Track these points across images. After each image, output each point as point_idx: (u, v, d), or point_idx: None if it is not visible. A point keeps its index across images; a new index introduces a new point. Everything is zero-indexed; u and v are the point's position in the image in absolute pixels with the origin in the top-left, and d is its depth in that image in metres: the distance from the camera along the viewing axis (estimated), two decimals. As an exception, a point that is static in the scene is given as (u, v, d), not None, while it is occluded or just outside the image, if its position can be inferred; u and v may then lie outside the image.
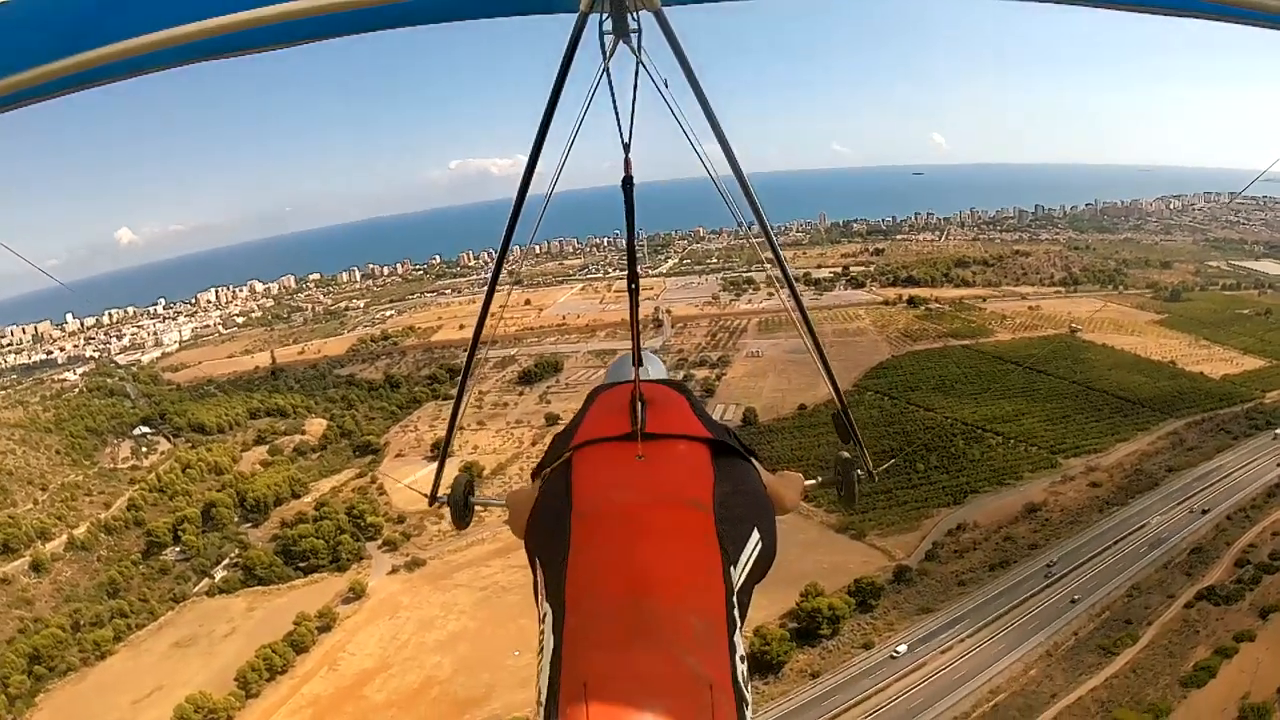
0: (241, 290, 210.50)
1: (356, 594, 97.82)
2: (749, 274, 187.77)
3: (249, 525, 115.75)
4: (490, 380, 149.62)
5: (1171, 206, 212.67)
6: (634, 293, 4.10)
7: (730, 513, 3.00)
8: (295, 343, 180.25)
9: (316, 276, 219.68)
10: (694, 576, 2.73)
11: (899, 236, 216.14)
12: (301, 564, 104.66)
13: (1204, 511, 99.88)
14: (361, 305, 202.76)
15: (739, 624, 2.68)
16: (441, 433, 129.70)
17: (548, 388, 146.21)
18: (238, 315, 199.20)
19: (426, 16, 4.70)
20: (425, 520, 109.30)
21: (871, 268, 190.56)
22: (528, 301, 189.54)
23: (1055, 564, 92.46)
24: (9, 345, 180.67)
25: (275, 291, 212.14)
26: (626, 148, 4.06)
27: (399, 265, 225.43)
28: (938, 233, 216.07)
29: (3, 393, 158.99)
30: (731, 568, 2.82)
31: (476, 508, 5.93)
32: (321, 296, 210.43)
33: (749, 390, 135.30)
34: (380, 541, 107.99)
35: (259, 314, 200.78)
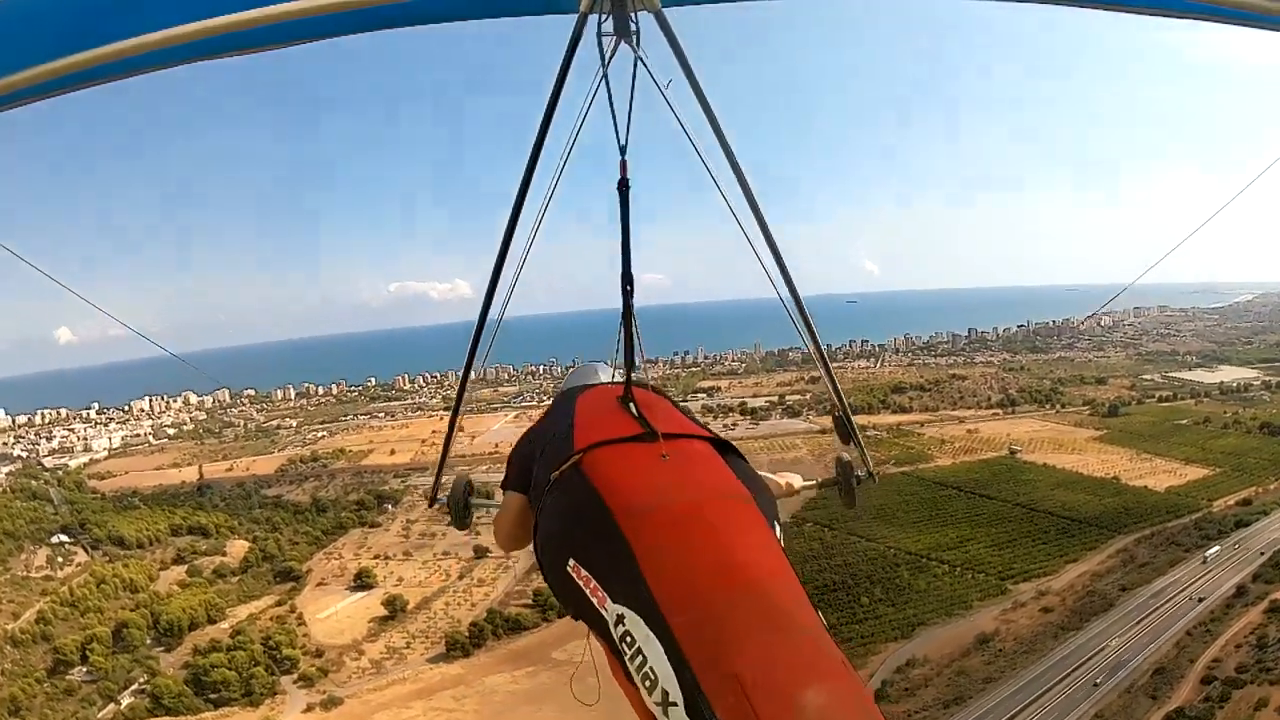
0: (175, 401, 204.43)
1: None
2: (685, 402, 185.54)
3: (161, 649, 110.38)
4: (419, 509, 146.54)
5: (1103, 324, 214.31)
6: (628, 294, 4.15)
7: (761, 504, 3.17)
8: (225, 458, 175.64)
9: (251, 392, 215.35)
10: (779, 565, 2.84)
11: (834, 364, 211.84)
12: (213, 695, 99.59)
13: (1199, 600, 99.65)
14: (294, 425, 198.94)
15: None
16: (366, 562, 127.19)
17: (478, 518, 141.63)
18: (169, 426, 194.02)
19: (426, 16, 4.62)
20: (344, 655, 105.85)
21: (808, 396, 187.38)
22: (462, 429, 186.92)
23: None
24: None
25: (209, 404, 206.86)
26: (623, 150, 4.18)
27: (334, 385, 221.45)
28: (873, 359, 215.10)
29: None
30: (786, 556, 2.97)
31: (475, 508, 6.17)
32: (255, 413, 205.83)
33: None
34: (296, 676, 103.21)
35: (190, 426, 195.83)
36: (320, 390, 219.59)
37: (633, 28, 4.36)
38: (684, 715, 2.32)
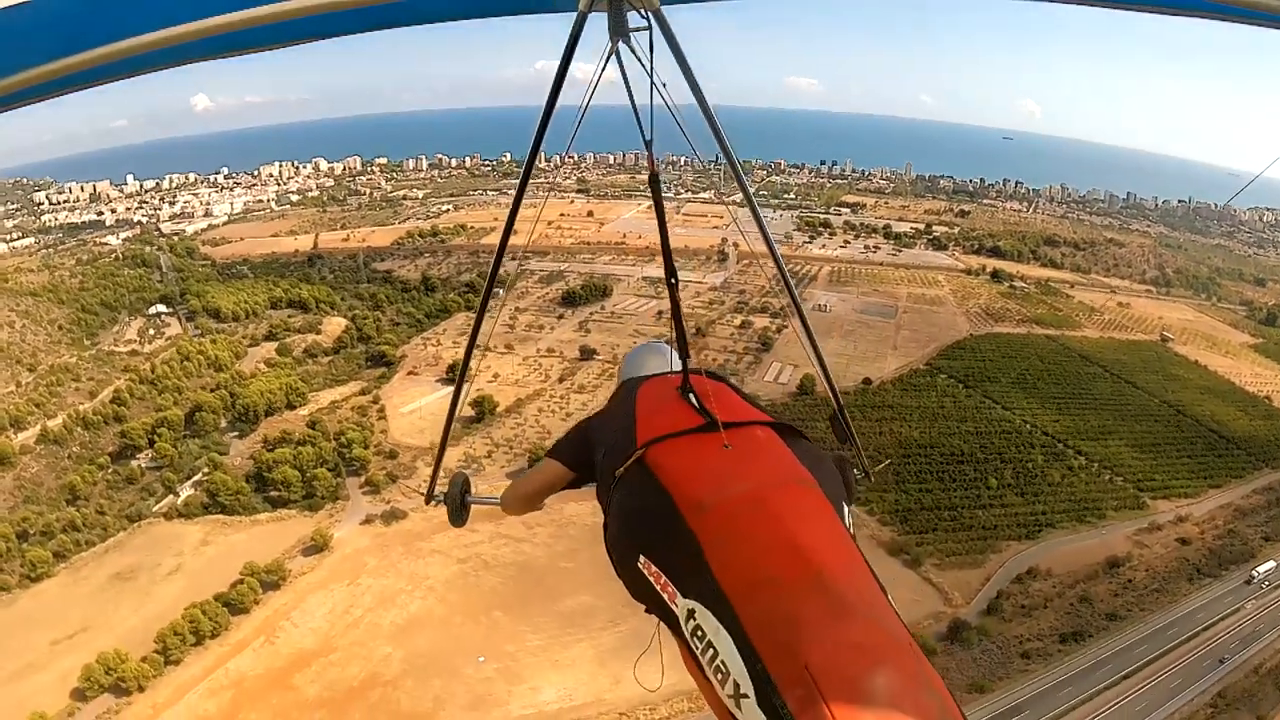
0: (305, 167, 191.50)
1: (319, 545, 78.41)
2: (826, 215, 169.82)
3: (234, 434, 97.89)
4: (531, 296, 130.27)
5: (1265, 219, 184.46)
6: (673, 288, 3.83)
7: (827, 487, 2.95)
8: (343, 228, 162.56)
9: (383, 161, 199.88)
10: (845, 548, 2.67)
11: (985, 201, 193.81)
12: (273, 493, 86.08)
13: None
14: (420, 196, 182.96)
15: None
16: (461, 354, 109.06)
17: (590, 314, 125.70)
18: (293, 193, 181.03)
19: (426, 16, 4.49)
20: (419, 459, 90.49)
21: (955, 230, 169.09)
22: (590, 213, 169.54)
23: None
24: (65, 202, 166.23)
25: (338, 171, 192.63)
26: (649, 144, 3.91)
27: (467, 159, 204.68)
28: (1026, 203, 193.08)
29: (43, 252, 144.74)
30: (855, 540, 2.83)
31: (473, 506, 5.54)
32: (383, 182, 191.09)
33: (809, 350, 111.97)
34: (363, 480, 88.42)
35: (316, 193, 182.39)
36: (453, 163, 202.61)
37: (632, 27, 4.08)
38: (755, 707, 2.31)
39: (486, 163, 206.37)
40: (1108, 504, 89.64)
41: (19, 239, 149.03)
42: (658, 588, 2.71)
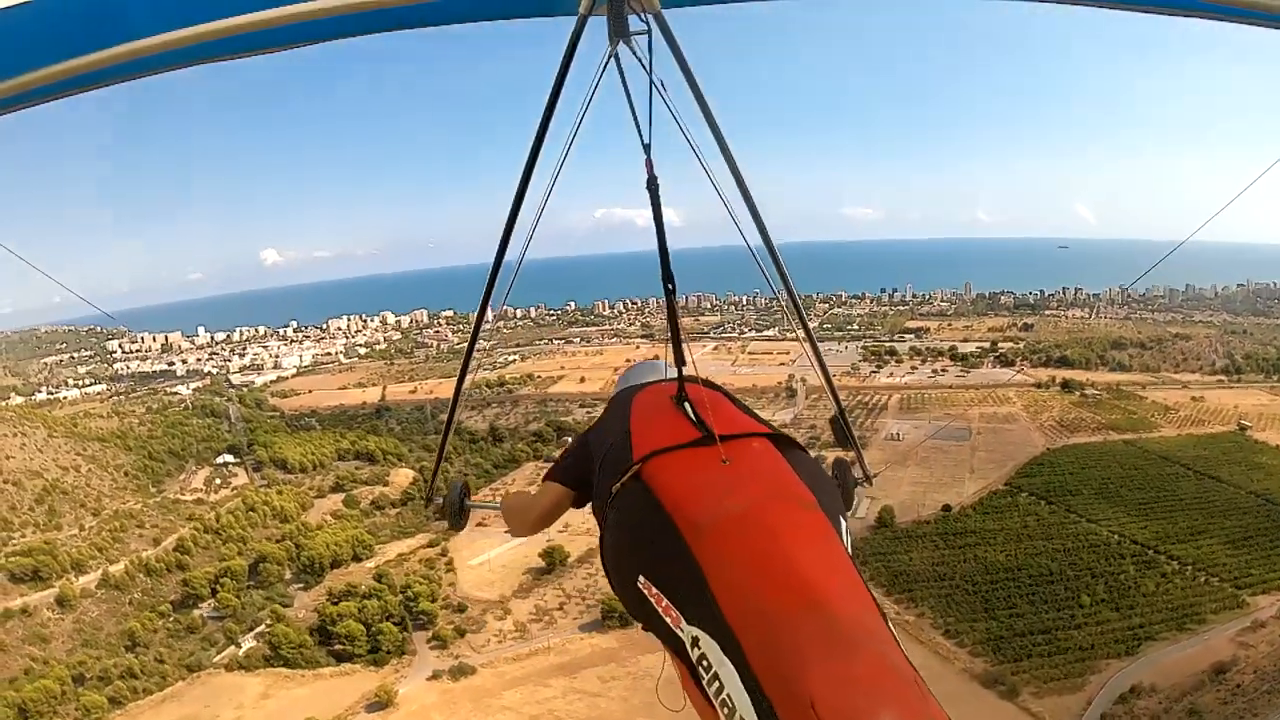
0: (373, 320, 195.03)
1: (383, 701, 75.27)
2: (890, 343, 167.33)
3: (299, 586, 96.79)
4: None
5: None
6: (670, 294, 3.74)
7: (825, 503, 2.90)
8: (411, 380, 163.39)
9: (450, 313, 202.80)
10: (842, 572, 2.64)
11: (1047, 312, 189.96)
12: (336, 647, 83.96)
13: None
14: (487, 346, 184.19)
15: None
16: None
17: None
18: (361, 345, 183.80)
19: (428, 19, 4.40)
20: (488, 613, 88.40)
21: (1021, 345, 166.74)
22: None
23: None
24: (138, 351, 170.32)
25: (405, 324, 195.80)
26: (647, 149, 3.84)
27: (532, 308, 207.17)
28: (1088, 309, 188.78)
29: (113, 399, 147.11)
30: (854, 560, 2.80)
31: (473, 510, 5.77)
32: (450, 334, 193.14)
33: (885, 481, 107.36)
34: (430, 634, 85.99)
35: (383, 346, 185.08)
36: (518, 313, 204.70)
37: (633, 29, 4.13)
38: None
39: (551, 312, 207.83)
40: (1206, 607, 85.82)
41: (91, 385, 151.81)
42: (659, 610, 2.68)
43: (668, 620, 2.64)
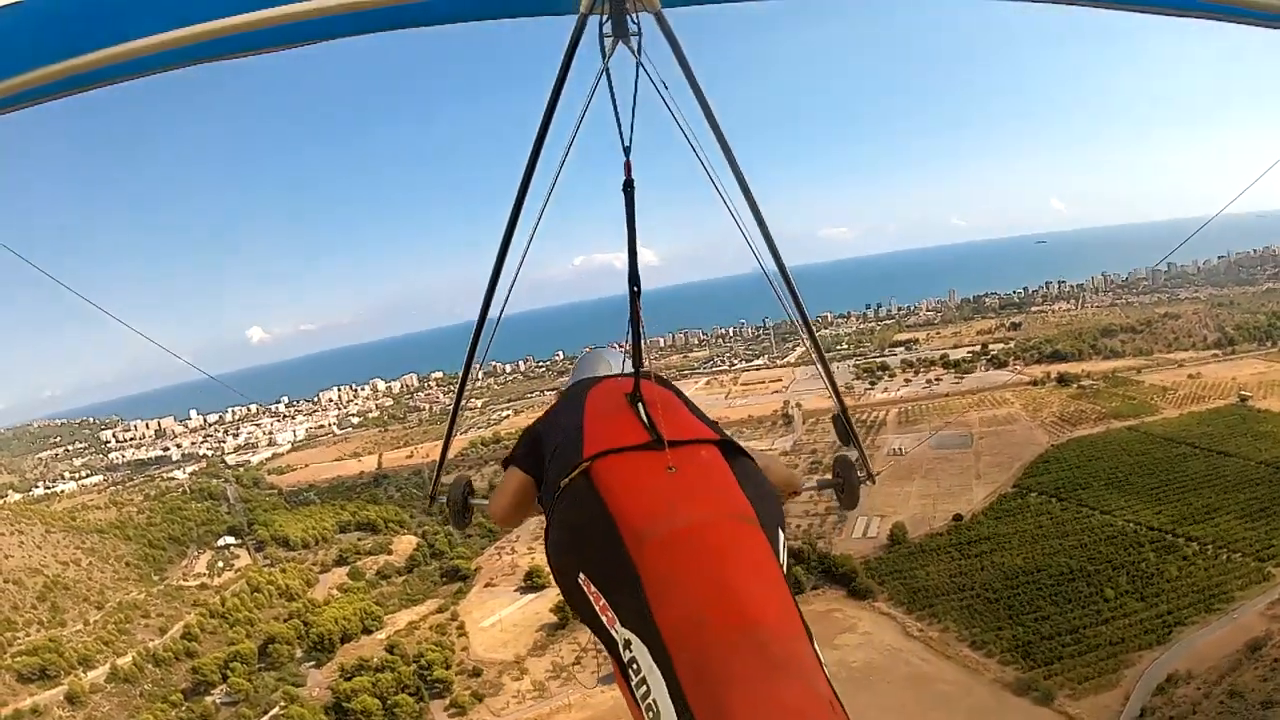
0: (363, 389, 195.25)
1: (407, 775, 73.94)
2: (882, 358, 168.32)
3: (310, 664, 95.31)
4: None
5: None
6: (635, 295, 3.73)
7: (765, 519, 2.94)
8: (406, 445, 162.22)
9: (439, 375, 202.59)
10: (777, 596, 2.66)
11: (1033, 308, 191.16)
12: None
13: None
14: (479, 405, 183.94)
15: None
16: (540, 559, 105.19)
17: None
18: (354, 415, 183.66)
19: (427, 18, 4.41)
20: (504, 674, 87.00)
21: (1011, 344, 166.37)
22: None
23: None
24: (132, 439, 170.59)
25: (396, 390, 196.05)
26: (627, 151, 3.81)
27: (520, 362, 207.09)
28: (1074, 301, 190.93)
29: (110, 489, 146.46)
30: (786, 578, 2.84)
31: (476, 508, 5.61)
32: (441, 395, 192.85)
33: (894, 497, 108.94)
34: (448, 702, 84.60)
35: (376, 414, 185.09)
36: (507, 368, 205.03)
37: (633, 29, 4.18)
38: None
39: (540, 364, 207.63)
40: (1232, 585, 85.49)
41: (87, 477, 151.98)
42: (597, 609, 2.72)
43: (604, 619, 2.67)
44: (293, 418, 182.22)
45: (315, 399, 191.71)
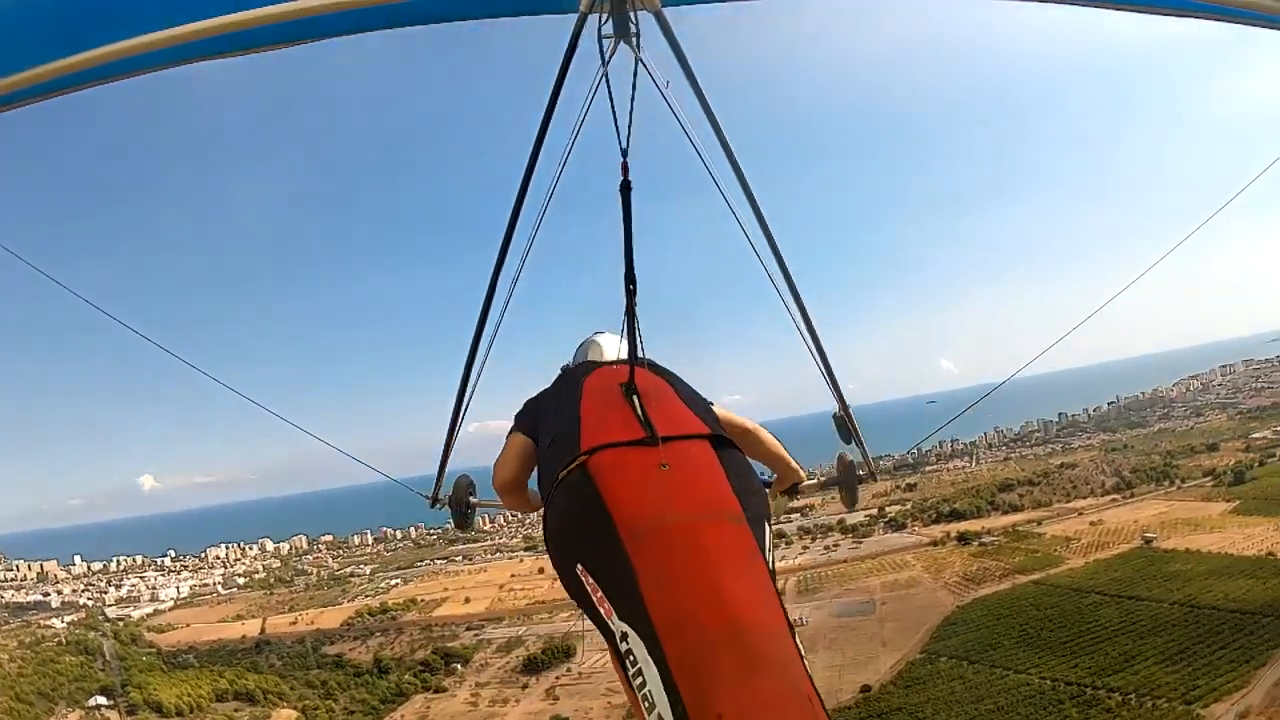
0: (252, 548, 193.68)
1: None
2: (778, 525, 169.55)
3: None
4: (491, 669, 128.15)
5: (1192, 388, 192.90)
6: (631, 294, 3.77)
7: (752, 515, 3.15)
8: (291, 609, 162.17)
9: (329, 538, 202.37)
10: (763, 594, 2.86)
11: (928, 468, 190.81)
12: None
13: None
14: (367, 572, 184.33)
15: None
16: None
17: (556, 679, 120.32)
18: (240, 575, 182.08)
19: (425, 17, 4.47)
20: None
21: (909, 505, 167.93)
22: (541, 569, 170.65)
23: None
24: (12, 580, 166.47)
25: (285, 551, 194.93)
26: (624, 152, 3.85)
27: (412, 528, 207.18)
28: (968, 458, 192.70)
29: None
30: (774, 577, 3.11)
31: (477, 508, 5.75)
32: (330, 559, 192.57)
33: None
34: None
35: (262, 575, 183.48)
36: (398, 534, 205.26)
37: (633, 28, 4.24)
38: None
39: (432, 531, 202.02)
40: None
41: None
42: (594, 600, 2.97)
43: (601, 611, 2.92)
44: (178, 573, 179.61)
45: (203, 555, 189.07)
